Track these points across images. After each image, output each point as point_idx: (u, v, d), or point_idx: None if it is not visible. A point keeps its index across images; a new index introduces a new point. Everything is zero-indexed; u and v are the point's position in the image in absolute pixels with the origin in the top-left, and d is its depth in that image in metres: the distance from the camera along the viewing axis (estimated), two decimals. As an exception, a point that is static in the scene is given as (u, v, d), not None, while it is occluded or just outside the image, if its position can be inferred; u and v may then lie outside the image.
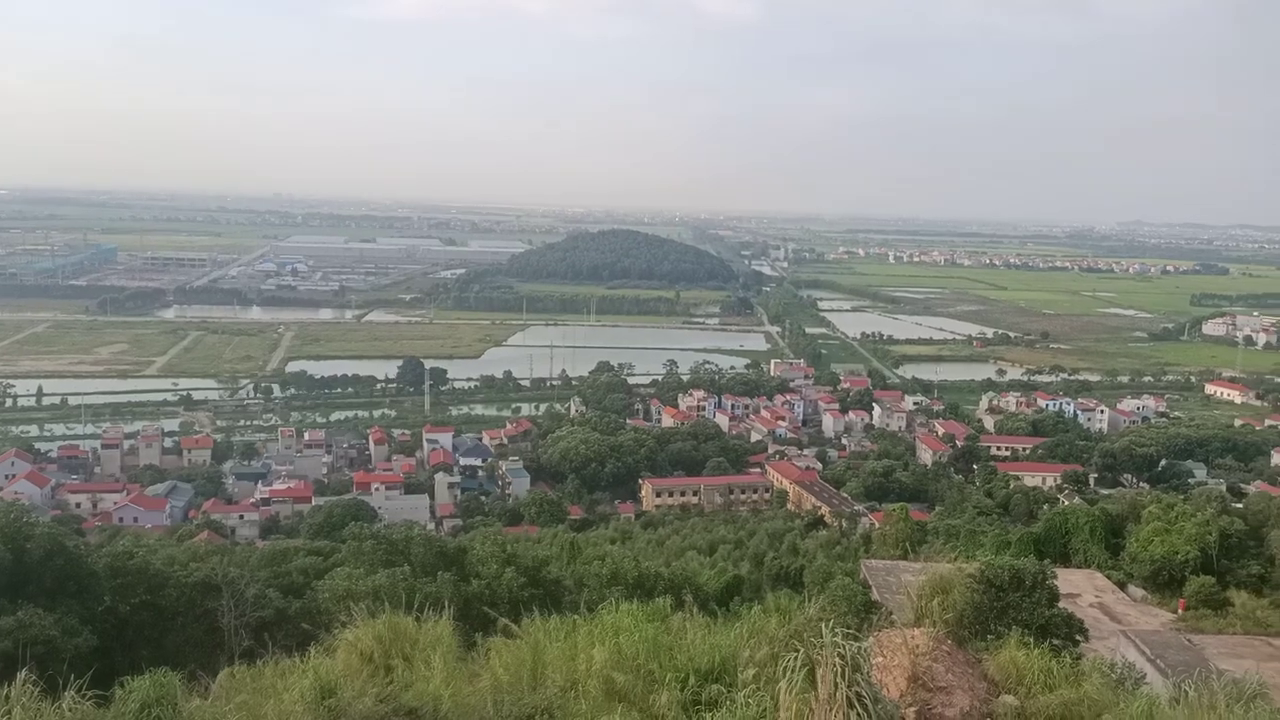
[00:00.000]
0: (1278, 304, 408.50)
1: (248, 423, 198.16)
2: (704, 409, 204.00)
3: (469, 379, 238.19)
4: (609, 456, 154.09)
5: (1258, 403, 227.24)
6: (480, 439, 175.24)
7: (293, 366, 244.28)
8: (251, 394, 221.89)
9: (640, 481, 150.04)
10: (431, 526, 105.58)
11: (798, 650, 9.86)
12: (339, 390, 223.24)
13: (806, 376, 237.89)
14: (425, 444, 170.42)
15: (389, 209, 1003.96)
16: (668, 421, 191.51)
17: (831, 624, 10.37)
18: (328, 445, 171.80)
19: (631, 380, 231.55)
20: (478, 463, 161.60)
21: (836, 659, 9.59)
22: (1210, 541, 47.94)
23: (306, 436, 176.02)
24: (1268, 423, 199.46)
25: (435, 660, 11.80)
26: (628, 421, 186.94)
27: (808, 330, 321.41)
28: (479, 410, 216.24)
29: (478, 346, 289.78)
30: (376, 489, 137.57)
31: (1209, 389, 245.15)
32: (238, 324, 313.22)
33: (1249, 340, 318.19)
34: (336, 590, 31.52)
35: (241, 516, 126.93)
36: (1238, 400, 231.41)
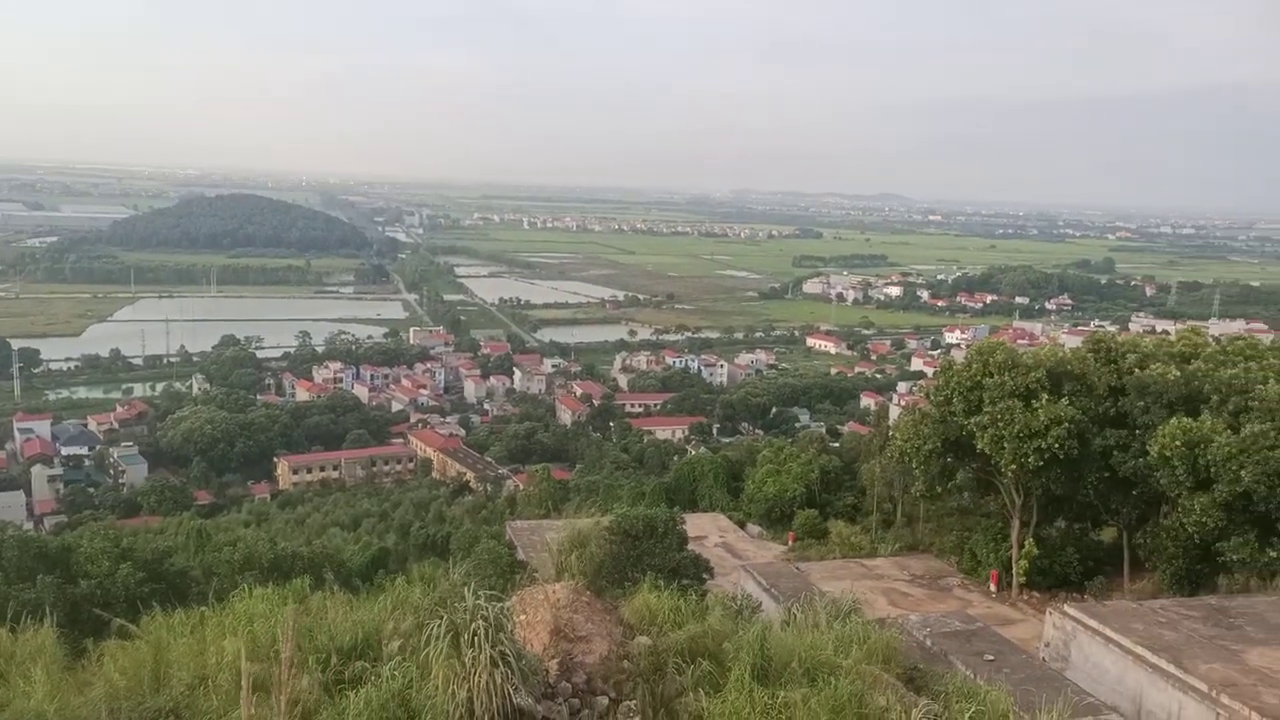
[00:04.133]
0: (862, 264, 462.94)
1: None
2: (342, 381, 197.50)
3: (68, 359, 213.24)
4: (239, 435, 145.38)
5: (849, 352, 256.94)
6: (86, 425, 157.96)
7: None
8: None
9: (276, 460, 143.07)
10: (29, 526, 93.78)
11: (442, 617, 9.86)
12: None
13: (447, 344, 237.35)
14: (17, 434, 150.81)
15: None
16: (303, 395, 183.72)
17: (475, 587, 10.48)
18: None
19: (261, 354, 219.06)
20: (84, 451, 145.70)
21: (480, 621, 9.70)
22: (813, 478, 53.72)
23: None
24: (857, 370, 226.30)
25: (36, 674, 10.54)
26: (259, 398, 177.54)
27: (446, 297, 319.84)
28: (83, 394, 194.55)
29: (78, 323, 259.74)
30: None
31: (809, 341, 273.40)
32: None
33: (840, 297, 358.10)
34: (-93, 610, 27.25)
35: None
36: (833, 351, 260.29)
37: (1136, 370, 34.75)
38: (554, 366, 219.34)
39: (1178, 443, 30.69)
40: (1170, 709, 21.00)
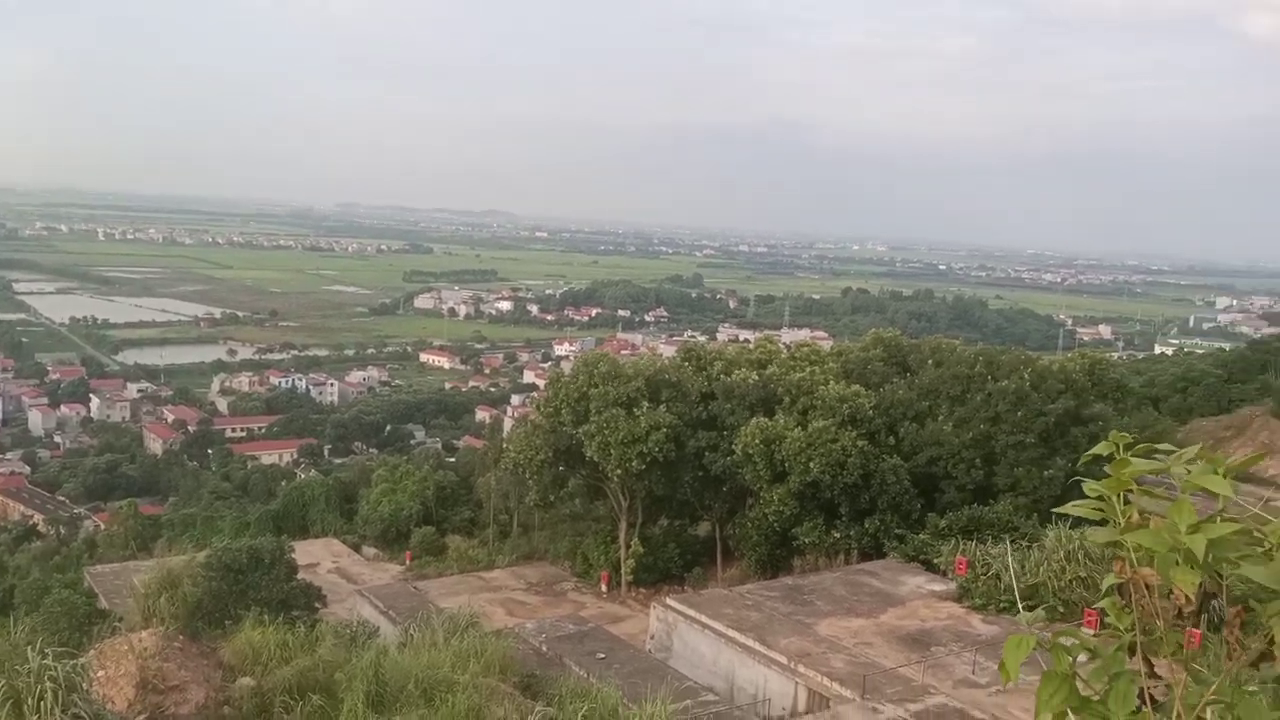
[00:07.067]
0: (473, 279, 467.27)
1: None
2: None
3: None
4: None
5: (463, 367, 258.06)
6: None
7: None
8: None
9: None
10: None
11: (-2, 684, 8.59)
12: None
13: (4, 369, 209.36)
14: None
15: None
16: None
17: (42, 645, 9.26)
18: None
19: None
20: None
21: (47, 683, 8.57)
22: (429, 495, 53.33)
23: None
24: (471, 384, 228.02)
25: None
26: None
27: (3, 316, 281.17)
28: None
29: None
30: None
31: (423, 357, 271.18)
32: None
33: (453, 312, 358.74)
34: None
35: None
36: (447, 366, 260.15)
37: (723, 376, 38.16)
38: (140, 391, 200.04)
39: (757, 441, 34.08)
40: (757, 682, 23.20)
